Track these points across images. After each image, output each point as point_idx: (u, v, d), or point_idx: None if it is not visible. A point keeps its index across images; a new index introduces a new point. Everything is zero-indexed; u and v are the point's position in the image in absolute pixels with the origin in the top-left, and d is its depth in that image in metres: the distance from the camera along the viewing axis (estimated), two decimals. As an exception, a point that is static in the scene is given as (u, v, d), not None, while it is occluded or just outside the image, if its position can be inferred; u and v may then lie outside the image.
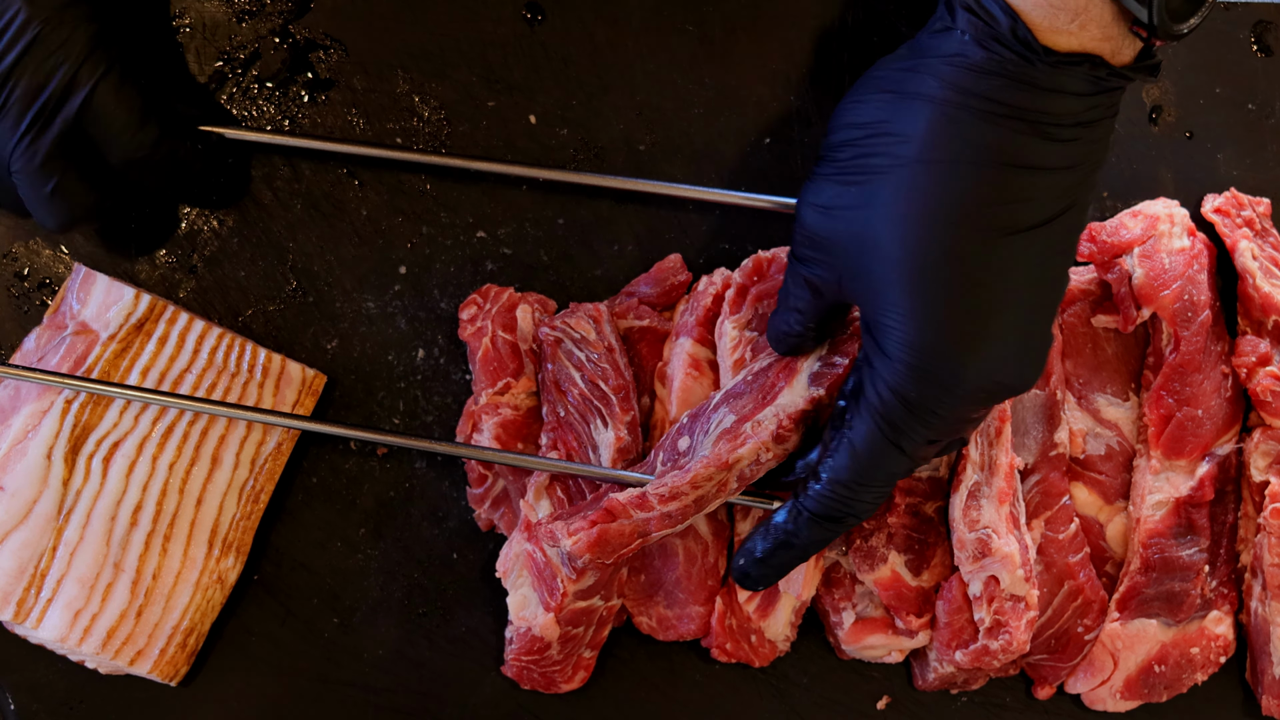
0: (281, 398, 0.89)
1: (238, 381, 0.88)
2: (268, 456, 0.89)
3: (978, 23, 0.69)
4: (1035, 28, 0.68)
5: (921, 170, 0.70)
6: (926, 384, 0.72)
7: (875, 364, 0.74)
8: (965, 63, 0.69)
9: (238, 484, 0.88)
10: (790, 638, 0.90)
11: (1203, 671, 0.94)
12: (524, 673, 0.90)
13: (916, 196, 0.70)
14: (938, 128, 0.70)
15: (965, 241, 0.70)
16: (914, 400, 0.73)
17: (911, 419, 0.73)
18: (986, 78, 0.69)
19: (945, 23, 0.71)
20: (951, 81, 0.70)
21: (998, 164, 0.69)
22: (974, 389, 0.72)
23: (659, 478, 0.82)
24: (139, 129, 0.79)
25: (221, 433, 0.88)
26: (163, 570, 0.86)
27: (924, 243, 0.70)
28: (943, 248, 0.70)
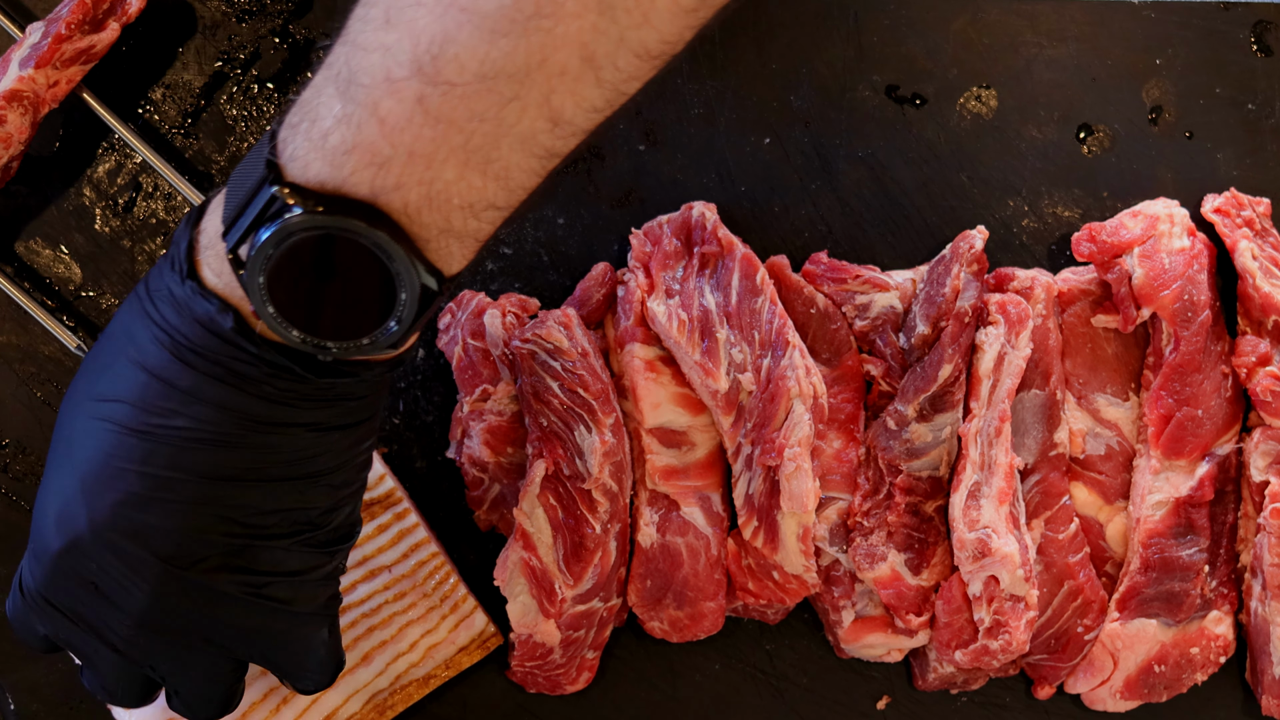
0: (455, 637, 0.88)
1: (425, 601, 0.88)
2: (413, 680, 0.88)
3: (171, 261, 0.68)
4: (199, 264, 0.67)
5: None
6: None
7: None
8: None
9: (373, 689, 0.87)
10: (810, 568, 0.87)
11: (1203, 671, 0.94)
12: (529, 677, 0.90)
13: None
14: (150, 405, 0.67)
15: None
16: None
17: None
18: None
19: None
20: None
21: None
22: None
23: None
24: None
25: (385, 638, 0.87)
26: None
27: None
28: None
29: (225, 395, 0.66)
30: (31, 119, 0.83)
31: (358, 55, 0.61)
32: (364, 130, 0.60)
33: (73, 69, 0.84)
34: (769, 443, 0.85)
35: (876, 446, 0.89)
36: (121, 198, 0.89)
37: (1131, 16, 0.94)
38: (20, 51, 0.83)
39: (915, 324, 0.88)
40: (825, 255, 0.91)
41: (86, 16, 0.82)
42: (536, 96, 0.60)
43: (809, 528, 0.86)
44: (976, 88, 0.93)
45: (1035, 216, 0.94)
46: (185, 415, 0.66)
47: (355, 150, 0.61)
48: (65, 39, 0.82)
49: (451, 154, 0.61)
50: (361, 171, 0.61)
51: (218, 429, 0.66)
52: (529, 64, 0.58)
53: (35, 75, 0.82)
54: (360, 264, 0.63)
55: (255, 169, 0.64)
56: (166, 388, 0.66)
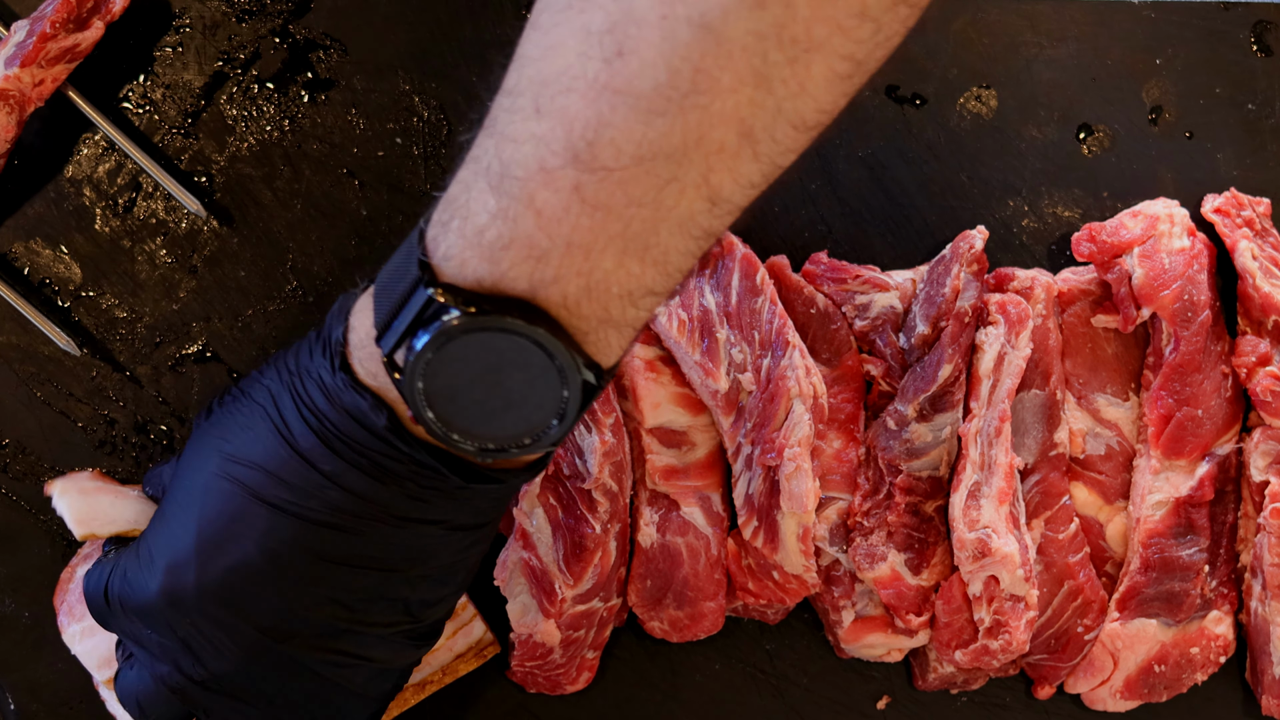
0: (453, 644, 0.88)
1: None
2: (410, 685, 0.88)
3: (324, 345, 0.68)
4: (350, 354, 0.67)
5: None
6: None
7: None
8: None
9: None
10: (810, 568, 0.87)
11: (1203, 671, 0.94)
12: (529, 677, 0.90)
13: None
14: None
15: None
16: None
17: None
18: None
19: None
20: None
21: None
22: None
23: None
24: None
25: None
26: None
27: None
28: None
29: (366, 486, 0.65)
30: (17, 118, 0.83)
31: (508, 147, 0.59)
32: (520, 224, 0.59)
33: (58, 68, 0.83)
34: (769, 443, 0.85)
35: (876, 446, 0.89)
36: (121, 198, 0.89)
37: (1131, 16, 0.94)
38: (4, 51, 0.83)
39: (915, 324, 0.88)
40: (825, 255, 0.91)
41: (71, 15, 0.82)
42: (695, 176, 0.58)
43: (809, 528, 0.86)
44: (976, 88, 0.93)
45: (1035, 216, 0.94)
46: (320, 498, 0.66)
47: (512, 245, 0.59)
48: (50, 37, 0.81)
49: (610, 242, 0.59)
50: (519, 266, 0.60)
51: (350, 516, 0.66)
52: (686, 143, 0.57)
53: (21, 74, 0.81)
54: (520, 363, 0.61)
55: (406, 270, 0.62)
56: (306, 467, 0.66)
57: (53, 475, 0.89)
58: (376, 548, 0.67)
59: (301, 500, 0.66)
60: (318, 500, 0.66)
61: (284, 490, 0.66)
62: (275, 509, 0.66)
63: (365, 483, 0.65)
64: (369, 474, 0.65)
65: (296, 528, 0.66)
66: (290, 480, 0.66)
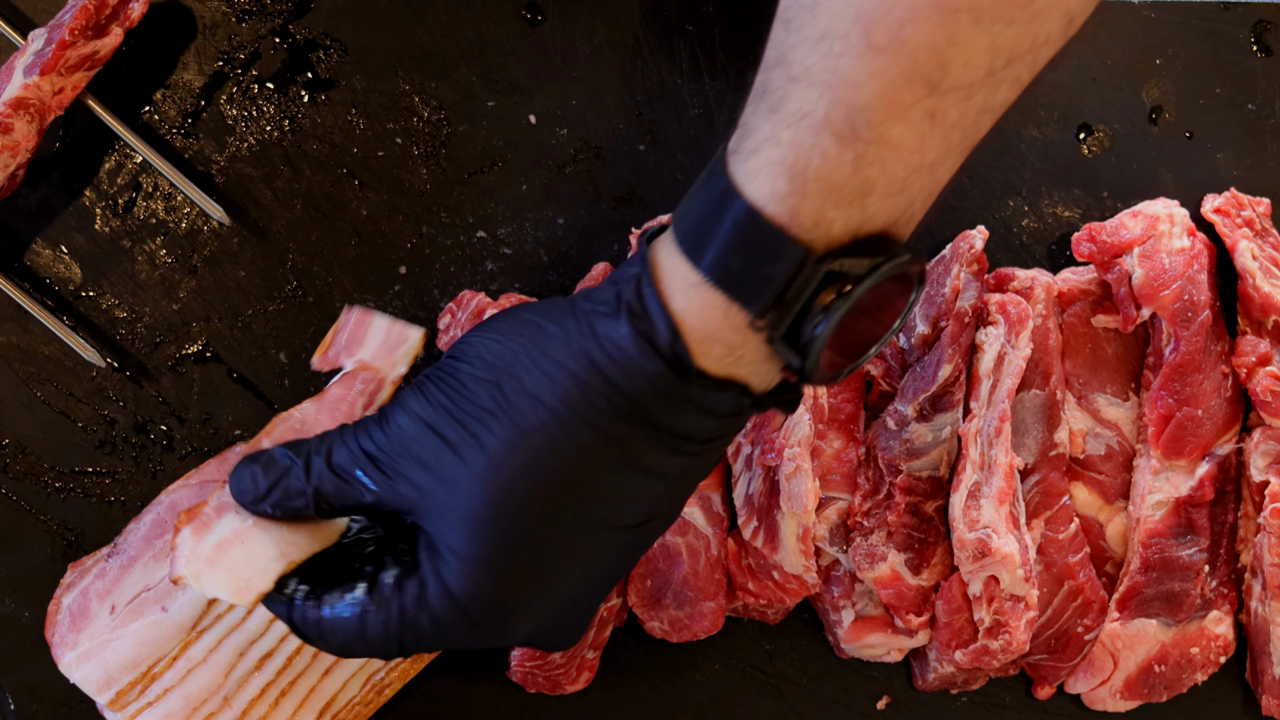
0: None
1: None
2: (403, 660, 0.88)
3: (640, 325, 0.65)
4: (692, 346, 0.65)
5: (543, 445, 0.66)
6: (465, 632, 0.70)
7: (426, 579, 0.70)
8: (617, 356, 0.65)
9: (368, 670, 0.87)
10: (810, 568, 0.87)
11: (1203, 671, 0.94)
12: (529, 677, 0.90)
13: (529, 469, 0.66)
14: (569, 408, 0.66)
15: (559, 524, 0.68)
16: (444, 635, 0.70)
17: (427, 639, 0.71)
18: (633, 379, 0.65)
19: (609, 304, 0.66)
20: (599, 368, 0.65)
21: (616, 464, 0.67)
22: (496, 645, 0.72)
23: None
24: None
25: None
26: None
27: (520, 515, 0.67)
28: (537, 524, 0.67)
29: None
30: (38, 126, 0.83)
31: (846, 92, 0.58)
32: (884, 166, 0.59)
33: (77, 75, 0.83)
34: (769, 443, 0.85)
35: (876, 446, 0.89)
36: (121, 198, 0.89)
37: (1131, 16, 0.94)
38: (23, 59, 0.82)
39: (915, 324, 0.88)
40: (825, 255, 0.90)
41: (90, 22, 0.82)
42: (1025, 73, 0.60)
43: (809, 528, 0.86)
44: (976, 88, 0.93)
45: (1035, 216, 0.94)
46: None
47: (875, 189, 0.60)
48: (69, 45, 0.81)
49: (950, 153, 0.61)
50: (881, 205, 0.60)
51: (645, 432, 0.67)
52: (1026, 46, 0.59)
53: (41, 82, 0.81)
54: (884, 290, 0.63)
55: (776, 254, 0.61)
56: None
57: (53, 475, 0.89)
58: (655, 459, 0.68)
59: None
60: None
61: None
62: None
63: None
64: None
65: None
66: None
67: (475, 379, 0.68)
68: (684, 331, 0.64)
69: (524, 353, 0.67)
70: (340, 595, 0.70)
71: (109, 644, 0.84)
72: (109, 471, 0.90)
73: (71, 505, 0.90)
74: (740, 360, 0.65)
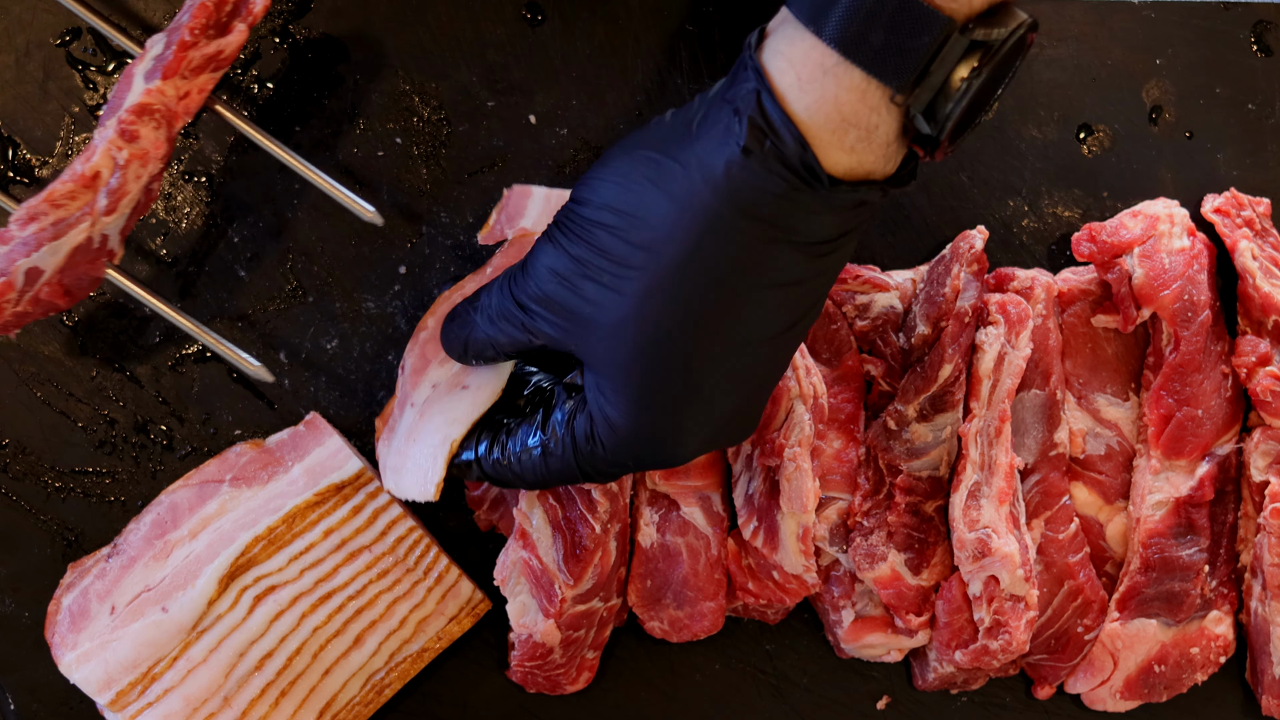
0: (443, 608, 0.89)
1: (409, 577, 0.88)
2: (407, 657, 0.89)
3: (764, 140, 0.66)
4: (819, 147, 0.66)
5: (678, 278, 0.68)
6: (639, 458, 0.73)
7: (596, 424, 0.73)
8: (744, 180, 0.66)
9: (368, 670, 0.88)
10: (810, 568, 0.87)
11: (1203, 671, 0.94)
12: (529, 677, 0.90)
13: (666, 302, 0.69)
14: (702, 240, 0.67)
15: (705, 348, 0.70)
16: (621, 464, 0.74)
17: (610, 472, 0.75)
18: (764, 199, 0.66)
19: (728, 127, 0.67)
20: (726, 195, 0.67)
21: (756, 283, 0.68)
22: (672, 465, 0.75)
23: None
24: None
25: (374, 617, 0.87)
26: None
27: (671, 350, 0.69)
28: (682, 353, 0.70)
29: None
30: (166, 134, 0.79)
31: None
32: None
33: (202, 77, 0.79)
34: (769, 443, 0.86)
35: (876, 446, 0.89)
36: (121, 198, 0.89)
37: (1131, 16, 0.94)
38: (143, 65, 0.79)
39: (915, 324, 0.88)
40: (825, 255, 0.90)
41: (210, 20, 0.78)
42: None
43: (809, 528, 0.86)
44: (976, 88, 0.93)
45: (1035, 216, 0.94)
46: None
47: None
48: (191, 45, 0.77)
49: None
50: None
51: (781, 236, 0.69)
52: None
53: (163, 87, 0.77)
54: (1004, 63, 0.66)
55: (918, 21, 0.63)
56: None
57: (53, 475, 0.90)
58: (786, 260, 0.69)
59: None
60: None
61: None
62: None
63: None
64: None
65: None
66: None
67: (603, 227, 0.70)
68: (812, 130, 0.66)
69: (647, 193, 0.69)
70: (522, 441, 0.77)
71: (109, 644, 0.84)
72: (109, 471, 0.90)
73: (71, 505, 0.90)
74: (873, 143, 0.66)
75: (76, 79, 0.88)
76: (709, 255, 0.68)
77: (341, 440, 0.88)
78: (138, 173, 0.78)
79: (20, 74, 0.88)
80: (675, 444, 0.73)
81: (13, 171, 0.88)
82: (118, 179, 0.77)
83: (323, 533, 0.86)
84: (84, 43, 0.88)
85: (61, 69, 0.88)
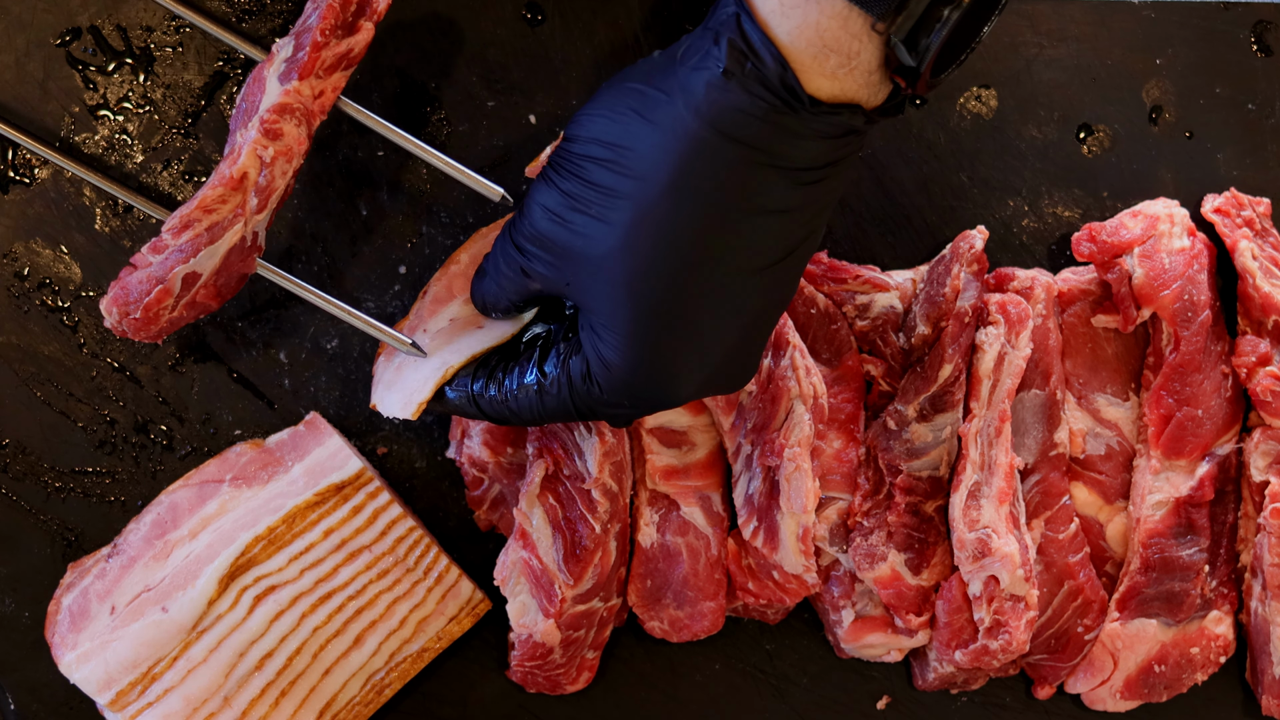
0: (443, 608, 0.89)
1: (409, 576, 0.88)
2: (408, 657, 0.89)
3: (745, 64, 0.67)
4: (801, 71, 0.67)
5: (664, 205, 0.69)
6: (634, 397, 0.73)
7: (591, 363, 0.74)
8: (725, 103, 0.67)
9: (369, 670, 0.88)
10: (810, 568, 0.87)
11: (1203, 671, 0.94)
12: (528, 677, 0.90)
13: (654, 231, 0.69)
14: (689, 167, 0.68)
15: (700, 281, 0.70)
16: (617, 404, 0.74)
17: (607, 413, 0.75)
18: (746, 121, 0.67)
19: (709, 52, 0.68)
20: (709, 119, 0.67)
21: (743, 209, 0.69)
22: (669, 406, 0.75)
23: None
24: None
25: (374, 617, 0.87)
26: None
27: (659, 281, 0.70)
28: (676, 287, 0.70)
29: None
30: (306, 131, 0.81)
31: None
32: None
33: (335, 76, 0.82)
34: (769, 443, 0.86)
35: (876, 446, 0.89)
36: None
37: (1131, 16, 0.94)
38: (274, 67, 0.81)
39: (915, 324, 0.88)
40: (825, 255, 0.91)
41: (338, 20, 0.80)
42: None
43: (809, 528, 0.86)
44: (976, 88, 0.93)
45: (1035, 216, 0.94)
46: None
47: None
48: (323, 45, 0.80)
49: None
50: None
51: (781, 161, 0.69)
52: None
53: (300, 87, 0.80)
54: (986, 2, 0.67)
55: None
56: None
57: (53, 475, 0.90)
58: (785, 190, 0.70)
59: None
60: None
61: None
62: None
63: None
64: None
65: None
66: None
67: (591, 159, 0.71)
68: (794, 54, 0.66)
69: (633, 123, 0.70)
70: (519, 378, 0.77)
71: (109, 644, 0.84)
72: (109, 471, 0.90)
73: (71, 505, 0.90)
74: (855, 70, 0.67)
75: (76, 79, 0.88)
76: (694, 180, 0.68)
77: (341, 440, 0.88)
78: (284, 169, 0.80)
79: (20, 74, 0.87)
80: (671, 382, 0.73)
81: (13, 171, 0.88)
82: (265, 177, 0.79)
83: (323, 533, 0.86)
84: (84, 43, 0.88)
85: (61, 69, 0.88)
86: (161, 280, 0.79)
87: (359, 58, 0.82)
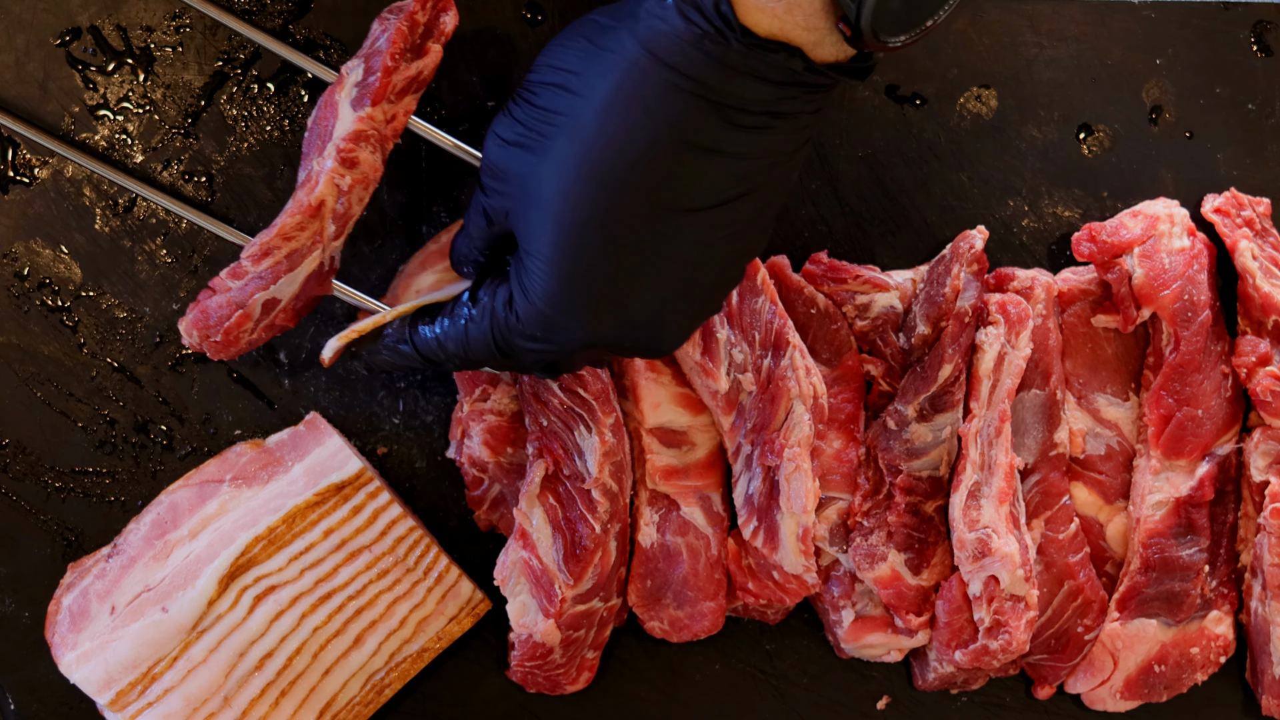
0: (443, 608, 0.89)
1: (409, 576, 0.88)
2: (407, 657, 0.89)
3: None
4: (738, 4, 0.66)
5: (596, 130, 0.69)
6: (547, 329, 0.73)
7: (514, 292, 0.74)
8: (661, 28, 0.67)
9: (369, 670, 0.88)
10: (810, 568, 0.87)
11: (1203, 671, 0.94)
12: (529, 677, 0.90)
13: (585, 156, 0.69)
14: (622, 90, 0.68)
15: (621, 210, 0.69)
16: (531, 336, 0.74)
17: (524, 348, 0.75)
18: (679, 47, 0.67)
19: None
20: (645, 44, 0.68)
21: (673, 140, 0.68)
22: (590, 347, 0.74)
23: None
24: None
25: (374, 617, 0.87)
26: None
27: (581, 204, 0.70)
28: (598, 212, 0.70)
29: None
30: (381, 156, 0.82)
31: None
32: None
33: (407, 99, 0.83)
34: (769, 443, 0.86)
35: (876, 446, 0.89)
36: (122, 198, 0.89)
37: (1131, 16, 0.94)
38: (345, 92, 0.81)
39: (915, 324, 0.88)
40: (825, 255, 0.91)
41: (407, 44, 0.81)
42: None
43: (809, 528, 0.86)
44: (976, 88, 0.93)
45: (1035, 216, 0.94)
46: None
47: None
48: (393, 70, 0.80)
49: None
50: None
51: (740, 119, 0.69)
52: None
53: (374, 112, 0.80)
54: None
55: None
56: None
57: (53, 475, 0.90)
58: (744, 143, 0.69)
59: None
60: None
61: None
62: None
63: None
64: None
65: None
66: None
67: (543, 85, 0.72)
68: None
69: (584, 49, 0.70)
70: (450, 313, 0.78)
71: (109, 644, 0.84)
72: (109, 471, 0.90)
73: (71, 505, 0.90)
74: (793, 8, 0.66)
75: (76, 79, 0.88)
76: (624, 103, 0.68)
77: (341, 440, 0.88)
78: (360, 195, 0.82)
79: (20, 74, 0.87)
80: (584, 317, 0.72)
81: (13, 171, 0.88)
82: (343, 204, 0.81)
83: (323, 533, 0.86)
84: (84, 43, 0.88)
85: (61, 69, 0.88)
86: (241, 305, 0.81)
87: (428, 80, 0.83)
